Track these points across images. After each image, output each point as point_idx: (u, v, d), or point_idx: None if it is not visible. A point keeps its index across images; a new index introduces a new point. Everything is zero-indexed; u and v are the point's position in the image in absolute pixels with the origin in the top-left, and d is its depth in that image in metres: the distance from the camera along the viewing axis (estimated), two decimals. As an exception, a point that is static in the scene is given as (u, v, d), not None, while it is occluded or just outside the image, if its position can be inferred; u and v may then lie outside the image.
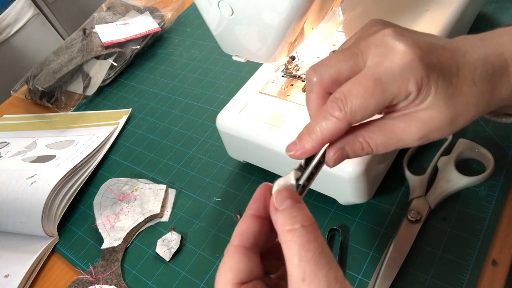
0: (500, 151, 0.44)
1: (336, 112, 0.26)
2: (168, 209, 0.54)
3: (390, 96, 0.26)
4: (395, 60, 0.26)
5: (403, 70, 0.25)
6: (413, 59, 0.26)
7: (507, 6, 0.59)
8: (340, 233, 0.44)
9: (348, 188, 0.41)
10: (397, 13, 0.52)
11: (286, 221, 0.24)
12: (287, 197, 0.26)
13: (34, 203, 0.55)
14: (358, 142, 0.28)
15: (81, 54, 0.80)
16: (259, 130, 0.46)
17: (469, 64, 0.27)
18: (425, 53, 0.26)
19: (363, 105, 0.26)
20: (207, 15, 0.43)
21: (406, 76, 0.25)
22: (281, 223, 0.24)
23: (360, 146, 0.28)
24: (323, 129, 0.27)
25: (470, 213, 0.41)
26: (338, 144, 0.28)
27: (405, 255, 0.39)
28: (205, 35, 0.83)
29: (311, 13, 0.39)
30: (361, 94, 0.26)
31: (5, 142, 0.74)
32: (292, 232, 0.24)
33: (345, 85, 0.27)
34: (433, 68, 0.26)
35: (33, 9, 1.32)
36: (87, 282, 0.49)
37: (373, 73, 0.26)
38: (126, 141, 0.67)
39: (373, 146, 0.28)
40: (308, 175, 0.28)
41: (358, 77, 0.27)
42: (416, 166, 0.46)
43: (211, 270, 0.46)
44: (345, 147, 0.28)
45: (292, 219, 0.24)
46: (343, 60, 0.28)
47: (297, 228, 0.24)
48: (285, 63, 0.50)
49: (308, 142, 0.27)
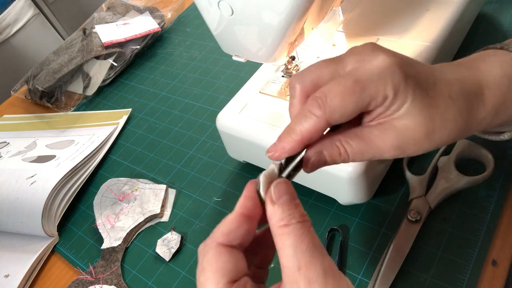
0: (500, 151, 0.44)
1: (315, 109, 0.27)
2: (168, 209, 0.54)
3: (368, 97, 0.26)
4: (375, 63, 0.27)
5: (382, 72, 0.26)
6: (392, 64, 0.26)
7: (507, 6, 0.59)
8: (340, 233, 0.44)
9: (348, 188, 0.41)
10: (397, 13, 0.52)
11: (283, 216, 0.25)
12: (285, 191, 0.26)
13: (34, 203, 0.55)
14: (336, 146, 0.28)
15: (81, 54, 0.80)
16: (259, 130, 0.46)
17: (445, 80, 0.28)
18: (403, 62, 0.27)
19: (342, 104, 0.26)
20: (207, 15, 0.43)
21: (385, 78, 0.26)
22: (277, 218, 0.25)
23: (337, 151, 0.28)
24: (302, 127, 0.27)
25: (470, 213, 0.41)
26: (317, 147, 0.28)
27: (405, 255, 0.39)
28: (205, 35, 0.83)
29: (311, 13, 0.39)
30: (341, 93, 0.26)
31: (5, 142, 0.74)
32: (287, 227, 0.24)
33: (325, 85, 0.27)
34: (410, 76, 0.27)
35: (33, 9, 1.32)
36: (87, 282, 0.49)
37: (353, 75, 0.27)
38: (126, 141, 0.67)
39: (349, 152, 0.28)
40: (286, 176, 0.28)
41: (338, 78, 0.27)
42: (416, 166, 0.46)
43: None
44: (323, 151, 0.28)
45: (289, 216, 0.25)
46: (324, 66, 0.29)
47: (293, 223, 0.24)
48: (285, 63, 0.50)
49: (287, 141, 0.28)
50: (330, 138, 0.28)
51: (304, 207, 0.48)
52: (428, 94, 0.27)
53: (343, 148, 0.28)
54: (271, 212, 0.25)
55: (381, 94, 0.26)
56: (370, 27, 0.51)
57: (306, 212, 0.25)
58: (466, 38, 0.56)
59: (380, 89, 0.26)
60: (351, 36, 0.52)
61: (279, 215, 0.25)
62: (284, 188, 0.26)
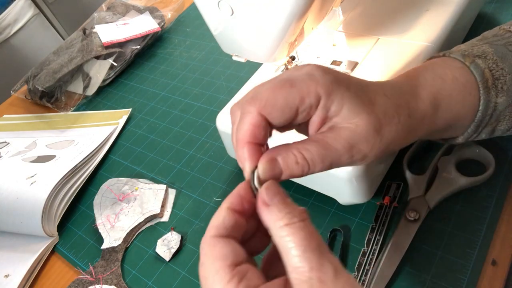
0: (500, 151, 0.44)
1: (248, 107, 0.27)
2: (168, 209, 0.54)
3: (298, 94, 0.27)
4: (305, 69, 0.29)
5: (312, 74, 0.28)
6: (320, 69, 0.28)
7: (507, 6, 0.59)
8: (341, 233, 0.44)
9: (348, 188, 0.41)
10: (397, 13, 0.52)
11: (281, 216, 0.24)
12: (276, 192, 0.26)
13: (34, 203, 0.55)
14: (292, 154, 0.27)
15: (81, 54, 0.80)
16: (259, 130, 0.46)
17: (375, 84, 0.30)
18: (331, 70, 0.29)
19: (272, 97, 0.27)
20: (207, 15, 0.43)
21: (315, 79, 0.27)
22: (275, 218, 0.24)
23: (294, 159, 0.27)
24: (242, 128, 0.27)
25: (470, 213, 0.41)
26: (271, 152, 0.28)
27: (402, 255, 0.39)
28: (205, 35, 0.83)
29: (311, 13, 0.39)
30: (271, 88, 0.27)
31: (5, 142, 0.74)
32: (290, 226, 0.24)
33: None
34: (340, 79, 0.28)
35: (33, 9, 1.32)
36: (87, 282, 0.49)
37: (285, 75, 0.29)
38: (126, 141, 0.67)
39: (308, 158, 0.27)
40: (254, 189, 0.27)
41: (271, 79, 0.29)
42: (416, 166, 0.46)
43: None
44: (278, 157, 0.27)
45: (287, 214, 0.24)
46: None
47: (295, 222, 0.24)
48: (285, 63, 0.50)
49: (237, 149, 0.28)
50: (286, 146, 0.28)
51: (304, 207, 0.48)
52: (363, 91, 0.29)
53: (301, 155, 0.27)
54: (267, 214, 0.25)
55: (312, 93, 0.27)
56: (370, 27, 0.51)
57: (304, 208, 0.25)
58: (466, 38, 0.56)
59: (311, 88, 0.27)
60: (351, 36, 0.52)
61: (277, 216, 0.24)
62: (274, 189, 0.26)
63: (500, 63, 0.32)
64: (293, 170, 0.27)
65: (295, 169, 0.27)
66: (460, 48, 0.34)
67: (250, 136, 0.27)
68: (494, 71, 0.32)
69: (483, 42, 0.35)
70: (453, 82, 0.32)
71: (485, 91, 0.32)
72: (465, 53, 0.33)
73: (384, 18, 0.52)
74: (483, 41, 0.35)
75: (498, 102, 0.32)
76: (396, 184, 0.46)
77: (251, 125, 0.27)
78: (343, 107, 0.28)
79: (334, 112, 0.28)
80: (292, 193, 0.49)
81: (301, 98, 0.27)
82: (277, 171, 0.27)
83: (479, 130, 0.34)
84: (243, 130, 0.27)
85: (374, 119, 0.28)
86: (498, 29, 0.36)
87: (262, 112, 0.27)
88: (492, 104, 0.32)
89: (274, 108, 0.27)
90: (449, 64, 0.33)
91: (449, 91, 0.32)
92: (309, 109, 0.28)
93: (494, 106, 0.32)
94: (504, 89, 0.32)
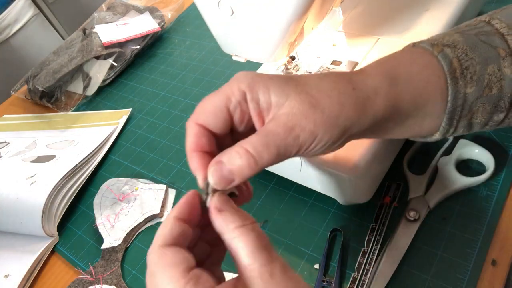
0: (500, 151, 0.44)
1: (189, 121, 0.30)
2: (168, 209, 0.54)
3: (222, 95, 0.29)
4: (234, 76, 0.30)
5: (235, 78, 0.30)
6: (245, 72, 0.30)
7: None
8: (341, 233, 0.44)
9: (349, 188, 0.41)
10: (397, 13, 0.52)
11: (233, 219, 0.26)
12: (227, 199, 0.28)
13: (34, 203, 0.55)
14: (235, 151, 0.28)
15: (81, 54, 0.80)
16: (259, 130, 0.46)
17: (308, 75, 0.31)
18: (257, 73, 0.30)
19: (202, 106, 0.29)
20: (207, 15, 0.43)
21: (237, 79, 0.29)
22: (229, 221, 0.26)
23: (236, 155, 0.27)
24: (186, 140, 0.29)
25: (470, 213, 0.41)
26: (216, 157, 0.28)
27: (402, 254, 0.40)
28: (205, 35, 0.83)
29: (311, 13, 0.39)
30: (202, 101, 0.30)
31: (5, 142, 0.74)
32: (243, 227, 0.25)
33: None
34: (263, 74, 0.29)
35: (33, 9, 1.32)
36: (87, 282, 0.49)
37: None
38: (126, 141, 0.67)
39: (251, 150, 0.27)
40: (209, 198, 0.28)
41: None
42: (416, 166, 0.46)
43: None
44: (222, 158, 0.28)
45: (240, 217, 0.26)
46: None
47: (246, 224, 0.26)
48: (285, 63, 0.50)
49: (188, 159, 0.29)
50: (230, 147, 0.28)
51: (304, 207, 0.48)
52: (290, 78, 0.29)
53: (243, 149, 0.27)
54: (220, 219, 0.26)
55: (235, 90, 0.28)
56: (370, 27, 0.51)
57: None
58: (466, 38, 0.56)
59: (233, 87, 0.29)
60: (351, 36, 0.52)
61: (229, 219, 0.26)
62: (226, 197, 0.28)
63: (470, 52, 0.31)
64: (240, 166, 0.27)
65: (241, 164, 0.27)
66: (431, 38, 0.34)
67: (194, 145, 0.29)
68: (463, 61, 0.31)
69: (455, 31, 0.34)
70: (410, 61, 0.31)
71: (452, 81, 0.31)
72: (435, 43, 0.32)
73: (384, 18, 0.52)
74: (455, 30, 0.34)
75: (468, 93, 0.31)
76: (396, 184, 0.46)
77: (192, 136, 0.29)
78: (270, 94, 0.28)
79: (264, 101, 0.28)
80: (292, 193, 0.49)
81: (227, 98, 0.28)
82: (225, 172, 0.28)
83: (453, 123, 0.32)
84: (187, 142, 0.29)
85: (307, 95, 0.28)
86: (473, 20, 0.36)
87: (197, 121, 0.29)
88: (461, 94, 0.31)
89: (205, 114, 0.29)
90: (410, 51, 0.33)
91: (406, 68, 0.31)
92: (239, 106, 0.29)
93: (463, 97, 0.31)
94: (474, 79, 0.31)
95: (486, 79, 0.31)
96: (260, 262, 0.24)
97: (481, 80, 0.31)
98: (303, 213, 0.47)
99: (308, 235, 0.45)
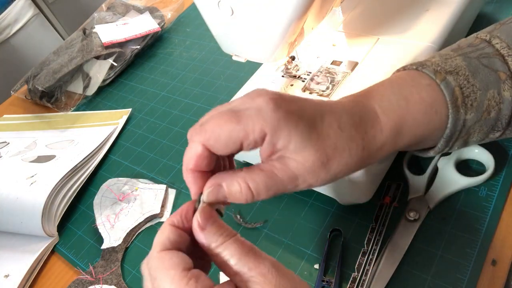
0: (500, 151, 0.44)
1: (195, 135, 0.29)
2: (168, 209, 0.54)
3: (242, 131, 0.27)
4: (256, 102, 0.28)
5: (261, 109, 0.28)
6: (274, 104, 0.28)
7: (507, 6, 0.59)
8: (341, 233, 0.44)
9: (348, 188, 0.41)
10: (397, 13, 0.52)
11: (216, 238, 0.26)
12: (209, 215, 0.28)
13: (34, 203, 0.55)
14: (237, 183, 0.28)
15: (81, 54, 0.80)
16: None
17: (334, 113, 0.30)
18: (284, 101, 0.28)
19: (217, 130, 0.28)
20: (207, 15, 0.43)
21: (262, 116, 0.27)
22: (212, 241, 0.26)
23: (238, 188, 0.28)
24: (186, 155, 0.29)
25: (470, 213, 0.41)
26: (216, 178, 0.29)
27: (402, 254, 0.40)
28: (205, 35, 0.83)
29: (311, 13, 0.39)
30: (217, 120, 0.28)
31: (5, 142, 0.74)
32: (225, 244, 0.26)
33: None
34: (291, 113, 0.28)
35: (33, 9, 1.32)
36: (87, 282, 0.49)
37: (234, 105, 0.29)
38: (126, 141, 0.67)
39: (253, 188, 0.28)
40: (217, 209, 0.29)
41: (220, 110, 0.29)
42: (417, 166, 0.46)
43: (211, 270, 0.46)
44: (222, 183, 0.28)
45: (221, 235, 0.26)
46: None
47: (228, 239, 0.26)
48: (285, 63, 0.50)
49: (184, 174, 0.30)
50: (232, 173, 0.29)
51: (304, 207, 0.48)
52: (315, 127, 0.29)
53: (246, 184, 0.28)
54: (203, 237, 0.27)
55: (257, 130, 0.27)
56: (370, 27, 0.51)
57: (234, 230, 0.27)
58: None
59: (256, 125, 0.27)
60: (351, 36, 0.52)
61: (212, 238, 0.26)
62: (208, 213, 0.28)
63: (471, 79, 0.32)
64: (237, 198, 0.28)
65: (239, 197, 0.28)
66: (434, 61, 0.34)
67: (193, 165, 0.29)
68: (464, 88, 0.32)
69: (457, 53, 0.34)
70: (419, 103, 0.32)
71: (453, 110, 0.31)
72: (437, 69, 0.33)
73: (384, 18, 0.52)
74: (458, 51, 0.34)
75: (467, 119, 0.32)
76: (396, 184, 0.46)
77: (194, 155, 0.29)
78: (290, 142, 0.28)
79: (282, 146, 0.28)
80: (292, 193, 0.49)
81: (245, 134, 0.28)
82: (220, 197, 0.29)
83: (449, 144, 0.34)
84: (187, 157, 0.29)
85: (322, 154, 0.28)
86: (474, 38, 0.36)
87: (205, 144, 0.28)
88: (461, 121, 0.32)
89: (217, 141, 0.28)
90: (418, 81, 0.33)
91: (414, 114, 0.32)
92: (254, 144, 0.28)
93: (463, 123, 0.32)
94: (473, 106, 0.32)
95: (485, 104, 0.32)
96: (248, 266, 0.25)
97: (481, 105, 0.32)
98: (303, 213, 0.47)
99: (308, 235, 0.45)
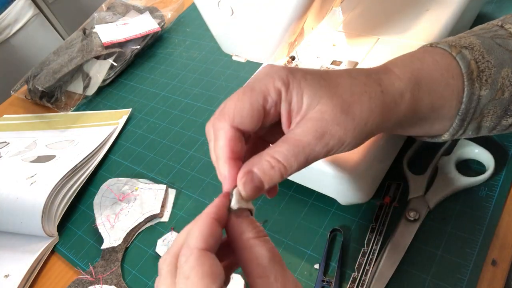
0: (500, 151, 0.44)
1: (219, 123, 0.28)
2: (168, 209, 0.54)
3: (260, 94, 0.27)
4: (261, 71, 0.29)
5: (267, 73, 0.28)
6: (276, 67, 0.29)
7: (507, 6, 0.59)
8: (341, 233, 0.44)
9: (348, 188, 0.41)
10: (397, 13, 0.52)
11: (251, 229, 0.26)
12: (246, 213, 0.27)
13: (34, 203, 0.55)
14: (266, 161, 0.27)
15: (81, 54, 0.80)
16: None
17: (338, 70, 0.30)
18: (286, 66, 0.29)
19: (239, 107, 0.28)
20: (207, 15, 0.43)
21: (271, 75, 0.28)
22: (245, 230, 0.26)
23: (268, 165, 0.27)
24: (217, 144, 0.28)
25: (470, 213, 0.41)
26: (246, 166, 0.28)
27: (402, 254, 0.39)
28: (205, 35, 0.83)
29: (311, 13, 0.39)
30: (235, 98, 0.28)
31: (5, 142, 0.74)
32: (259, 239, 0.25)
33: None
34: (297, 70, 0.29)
35: (33, 9, 1.32)
36: (87, 282, 0.49)
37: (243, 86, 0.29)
38: (126, 141, 0.67)
39: (282, 160, 0.27)
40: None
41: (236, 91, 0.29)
42: (416, 166, 0.46)
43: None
44: (253, 168, 0.27)
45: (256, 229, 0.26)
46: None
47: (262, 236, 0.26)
48: (285, 63, 0.50)
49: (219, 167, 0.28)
50: (258, 155, 0.28)
51: (304, 207, 0.48)
52: (322, 77, 0.28)
53: (274, 159, 0.27)
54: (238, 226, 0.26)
55: (271, 89, 0.27)
56: (370, 27, 0.51)
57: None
58: (466, 38, 0.56)
59: (269, 85, 0.28)
60: (351, 36, 0.52)
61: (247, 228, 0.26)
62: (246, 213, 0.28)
63: (486, 55, 0.32)
64: (272, 176, 0.27)
65: (273, 174, 0.27)
66: (448, 39, 0.34)
67: (229, 152, 0.28)
68: (480, 63, 0.31)
69: (470, 34, 0.34)
70: (433, 64, 0.31)
71: (469, 83, 0.31)
72: (452, 44, 0.32)
73: (384, 18, 0.52)
74: (470, 33, 0.34)
75: (482, 95, 0.31)
76: (396, 184, 0.46)
77: (227, 140, 0.28)
78: (304, 95, 0.27)
79: (296, 102, 0.28)
80: (292, 193, 0.49)
81: (264, 97, 0.28)
82: (256, 182, 0.27)
83: (464, 125, 0.33)
84: (220, 147, 0.28)
85: (338, 99, 0.28)
86: (486, 24, 0.36)
87: (233, 124, 0.28)
88: (475, 96, 0.31)
89: (243, 116, 0.28)
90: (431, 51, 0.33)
91: (429, 72, 0.31)
92: (274, 106, 0.28)
93: (477, 99, 0.31)
94: (488, 82, 0.31)
95: (500, 82, 0.32)
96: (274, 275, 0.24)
97: (495, 83, 0.32)
98: (303, 213, 0.47)
99: (308, 235, 0.45)
